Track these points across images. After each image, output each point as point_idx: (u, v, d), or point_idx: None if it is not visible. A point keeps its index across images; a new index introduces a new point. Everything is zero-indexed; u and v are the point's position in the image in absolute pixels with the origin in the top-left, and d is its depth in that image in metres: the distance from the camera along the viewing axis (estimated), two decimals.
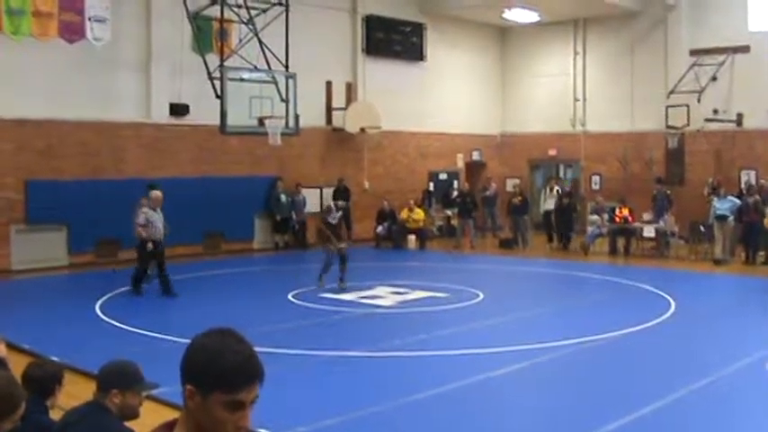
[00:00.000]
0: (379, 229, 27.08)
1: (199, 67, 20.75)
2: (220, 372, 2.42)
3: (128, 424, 4.85)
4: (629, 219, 24.80)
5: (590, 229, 25.66)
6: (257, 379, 2.49)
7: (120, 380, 4.89)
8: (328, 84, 27.36)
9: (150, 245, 16.92)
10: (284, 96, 21.22)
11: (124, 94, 22.62)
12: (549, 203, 27.45)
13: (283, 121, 21.25)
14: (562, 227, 26.65)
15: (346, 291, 17.60)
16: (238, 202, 24.43)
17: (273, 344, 12.26)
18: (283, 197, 25.45)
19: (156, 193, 17.44)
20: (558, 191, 27.63)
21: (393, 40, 29.35)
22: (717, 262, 22.36)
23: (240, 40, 21.36)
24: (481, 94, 33.29)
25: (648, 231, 24.54)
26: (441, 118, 31.01)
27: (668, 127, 27.75)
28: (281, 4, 21.44)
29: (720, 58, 27.45)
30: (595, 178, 31.21)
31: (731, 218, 22.66)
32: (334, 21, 27.79)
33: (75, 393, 5.55)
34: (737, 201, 22.98)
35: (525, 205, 27.38)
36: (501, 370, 11.12)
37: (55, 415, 5.24)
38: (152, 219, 17.03)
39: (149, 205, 17.19)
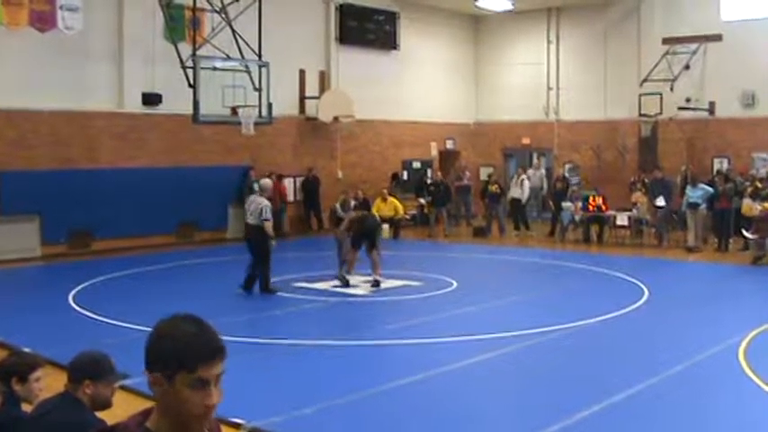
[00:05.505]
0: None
1: (171, 56, 20.59)
2: (175, 351, 2.39)
3: (100, 414, 4.83)
4: (603, 207, 24.87)
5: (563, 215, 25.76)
6: (216, 353, 2.44)
7: (93, 370, 4.87)
8: (301, 72, 27.31)
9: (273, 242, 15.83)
10: (257, 85, 21.14)
11: (96, 83, 22.42)
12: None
13: (256, 111, 21.18)
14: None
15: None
16: (212, 192, 24.33)
17: (246, 333, 12.30)
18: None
19: (267, 182, 17.14)
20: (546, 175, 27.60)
21: (366, 28, 29.31)
22: (689, 249, 22.51)
23: (213, 29, 21.19)
24: (454, 82, 33.33)
25: (621, 219, 24.63)
26: (414, 107, 31.04)
27: (641, 115, 27.86)
28: None
29: (693, 46, 27.61)
30: (568, 167, 31.30)
31: (703, 206, 22.80)
32: (308, 9, 27.71)
33: (47, 385, 5.51)
34: (709, 189, 23.10)
35: (502, 193, 27.47)
36: (475, 358, 11.15)
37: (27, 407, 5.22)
38: None
39: (265, 196, 16.36)
